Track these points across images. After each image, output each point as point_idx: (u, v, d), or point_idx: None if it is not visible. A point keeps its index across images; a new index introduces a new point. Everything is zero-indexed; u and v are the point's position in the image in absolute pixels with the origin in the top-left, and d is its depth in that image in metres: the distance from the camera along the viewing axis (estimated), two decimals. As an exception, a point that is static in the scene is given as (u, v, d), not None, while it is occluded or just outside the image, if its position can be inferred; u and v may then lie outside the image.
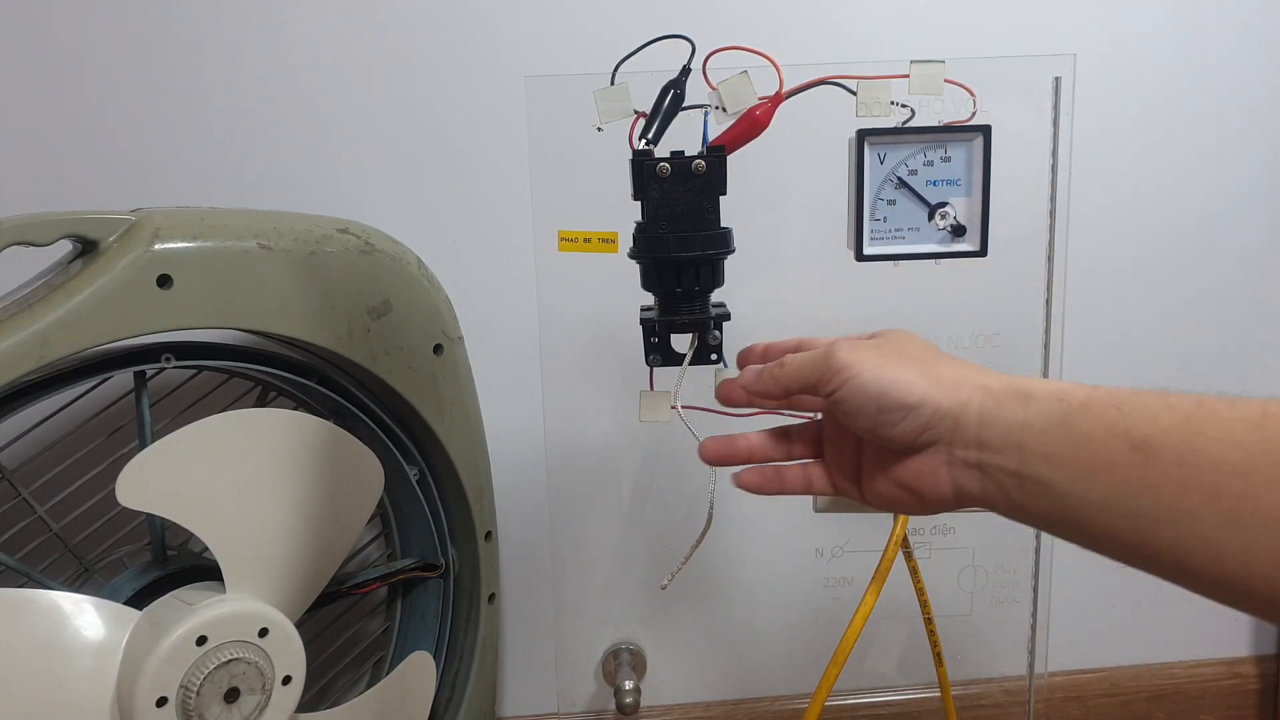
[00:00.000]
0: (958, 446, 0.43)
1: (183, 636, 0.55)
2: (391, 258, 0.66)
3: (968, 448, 0.42)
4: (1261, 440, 0.34)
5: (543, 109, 0.68)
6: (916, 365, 0.44)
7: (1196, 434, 0.35)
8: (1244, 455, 0.34)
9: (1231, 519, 0.34)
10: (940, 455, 0.43)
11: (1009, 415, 0.41)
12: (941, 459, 0.43)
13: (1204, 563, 0.35)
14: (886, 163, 0.64)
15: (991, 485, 0.42)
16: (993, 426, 0.41)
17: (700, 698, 0.94)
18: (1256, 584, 0.34)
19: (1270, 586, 0.33)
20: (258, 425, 0.61)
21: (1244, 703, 0.99)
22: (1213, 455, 0.34)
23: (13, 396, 0.57)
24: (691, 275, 0.57)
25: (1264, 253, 0.91)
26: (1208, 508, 0.34)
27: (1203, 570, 0.35)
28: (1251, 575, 0.34)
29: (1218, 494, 0.34)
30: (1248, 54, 0.86)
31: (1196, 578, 0.36)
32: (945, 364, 0.45)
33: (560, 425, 0.84)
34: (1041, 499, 0.40)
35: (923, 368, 0.44)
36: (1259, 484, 0.33)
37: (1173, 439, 0.36)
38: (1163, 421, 0.36)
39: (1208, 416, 0.36)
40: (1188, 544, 0.35)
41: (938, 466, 0.43)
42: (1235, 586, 0.34)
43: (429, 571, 0.74)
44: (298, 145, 0.80)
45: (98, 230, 0.55)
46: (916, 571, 0.72)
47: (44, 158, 0.78)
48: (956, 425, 0.42)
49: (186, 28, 0.78)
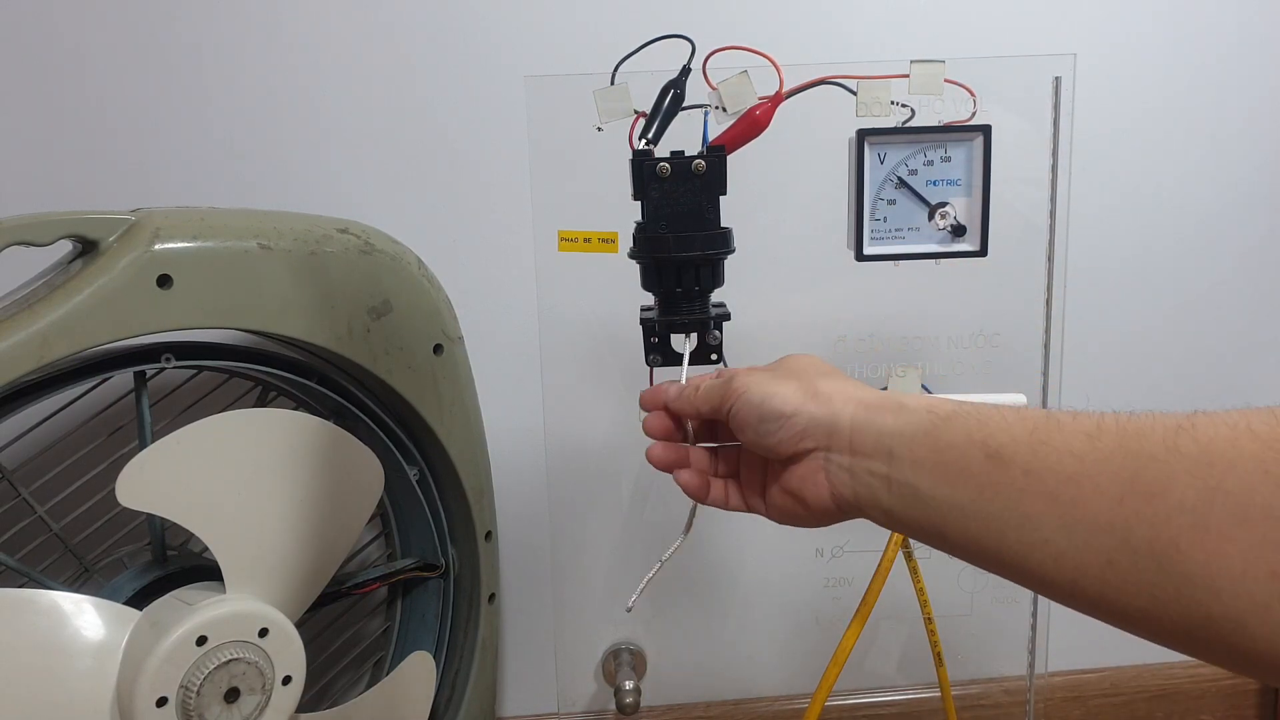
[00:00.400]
0: (833, 452, 0.46)
1: (183, 636, 0.55)
2: (391, 258, 0.66)
3: (841, 453, 0.46)
4: (1093, 450, 0.36)
5: (543, 109, 0.68)
6: (796, 382, 0.48)
7: (1041, 443, 0.38)
8: (1077, 464, 0.36)
9: (1067, 522, 0.36)
10: (818, 461, 0.47)
11: (880, 423, 0.44)
12: (819, 464, 0.47)
13: (1046, 565, 0.37)
14: (886, 163, 0.64)
15: (864, 490, 0.45)
16: (864, 433, 0.45)
17: (700, 698, 0.94)
18: (1088, 585, 0.36)
19: (1100, 587, 0.36)
20: (258, 425, 0.61)
21: (1244, 703, 0.99)
22: (1052, 464, 0.37)
23: (13, 396, 0.57)
24: (691, 275, 0.57)
25: (1264, 253, 0.91)
26: (1048, 512, 0.37)
27: (1045, 572, 0.37)
28: (1084, 576, 0.36)
29: (1056, 499, 0.37)
30: (1248, 54, 0.86)
31: (1041, 580, 0.38)
32: (828, 381, 0.48)
33: (560, 425, 0.84)
34: (908, 503, 0.43)
35: (802, 384, 0.48)
36: (1089, 490, 0.36)
37: (1020, 448, 0.38)
38: (1014, 431, 0.39)
39: (1052, 428, 0.38)
40: (1032, 547, 0.38)
41: (816, 472, 0.47)
42: (1073, 589, 0.37)
43: (429, 571, 0.74)
44: (298, 145, 0.80)
45: (98, 230, 0.55)
46: (916, 571, 0.72)
47: (44, 158, 0.78)
48: (831, 432, 0.46)
49: (186, 28, 0.78)
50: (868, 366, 0.74)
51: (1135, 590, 0.35)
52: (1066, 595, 0.37)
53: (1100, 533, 0.35)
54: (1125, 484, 0.35)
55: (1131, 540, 0.34)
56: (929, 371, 0.70)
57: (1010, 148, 0.64)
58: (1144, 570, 0.34)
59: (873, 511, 0.45)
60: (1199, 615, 0.33)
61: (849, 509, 0.46)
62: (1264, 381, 0.94)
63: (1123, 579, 0.35)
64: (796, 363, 0.51)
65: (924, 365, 0.70)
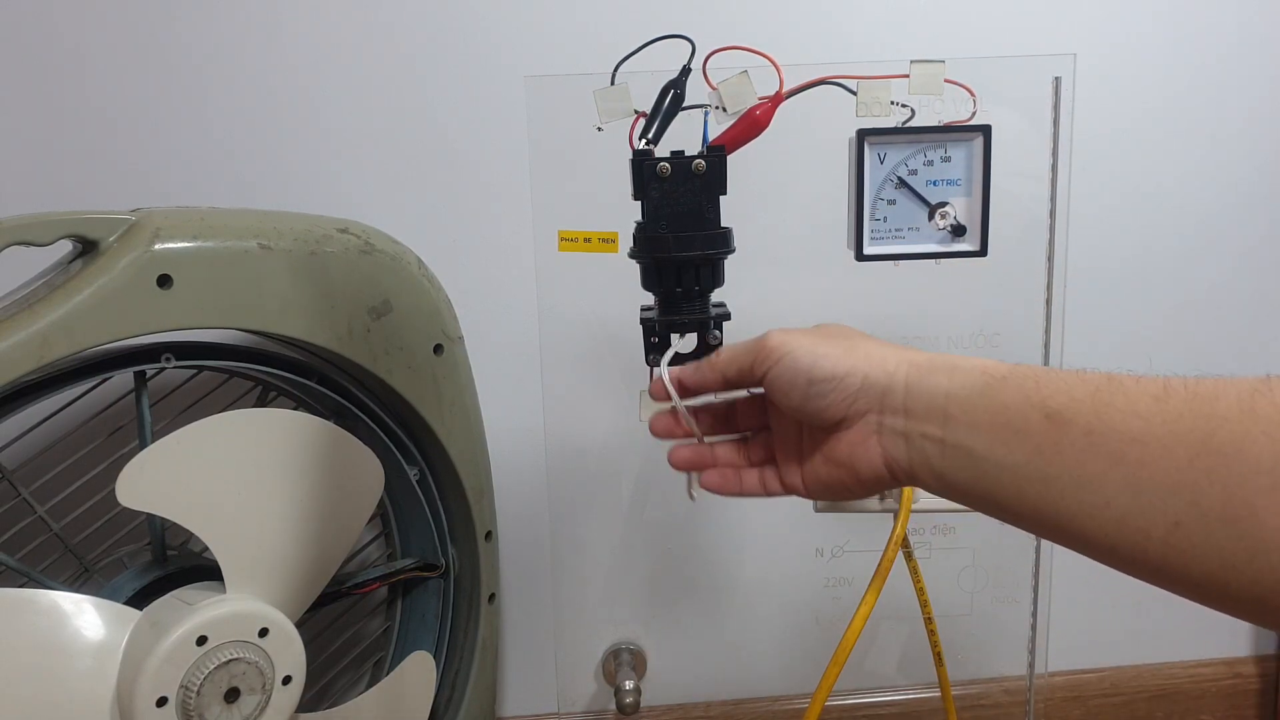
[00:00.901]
0: (886, 414, 0.45)
1: (183, 636, 0.55)
2: (391, 258, 0.66)
3: (895, 415, 0.44)
4: (1160, 411, 0.35)
5: (543, 109, 0.68)
6: (845, 343, 0.47)
7: (1104, 405, 0.37)
8: (1144, 424, 0.36)
9: (1131, 484, 0.35)
10: (870, 425, 0.45)
11: (934, 384, 0.43)
12: (871, 428, 0.45)
13: (1107, 528, 0.37)
14: (886, 163, 0.64)
15: (916, 454, 0.44)
16: (918, 395, 0.43)
17: (700, 698, 0.94)
18: (1152, 549, 0.35)
19: (1164, 550, 0.35)
20: (258, 425, 0.61)
21: (1244, 703, 0.99)
22: (1116, 424, 0.36)
23: (13, 396, 0.57)
24: (691, 275, 0.57)
25: (1264, 253, 0.91)
26: (1111, 473, 0.36)
27: (1105, 536, 0.37)
28: (1148, 539, 0.35)
29: (1120, 460, 0.36)
30: (1248, 54, 0.86)
31: (1101, 545, 0.37)
32: (875, 343, 0.47)
33: (560, 425, 0.84)
34: (962, 465, 0.42)
35: (851, 344, 0.47)
36: (1156, 451, 0.35)
37: (1082, 408, 0.38)
38: (1075, 393, 0.38)
39: (1115, 389, 0.37)
40: (1092, 509, 0.37)
41: (868, 436, 0.45)
42: (1135, 554, 0.36)
43: (429, 571, 0.74)
44: (298, 145, 0.80)
45: (98, 230, 0.55)
46: (916, 571, 0.72)
47: (44, 158, 0.78)
48: (885, 393, 0.44)
49: (186, 28, 0.78)
50: (868, 366, 0.74)
51: (1204, 554, 0.34)
52: (1128, 560, 0.37)
53: (1168, 494, 0.34)
54: (1196, 445, 0.34)
55: (1201, 502, 0.33)
56: (929, 371, 0.70)
57: (1010, 148, 0.64)
58: (1214, 533, 0.33)
59: (924, 476, 0.44)
60: (1271, 580, 0.32)
61: (901, 475, 0.45)
62: (1264, 381, 0.94)
63: (1190, 542, 0.34)
64: (834, 327, 0.49)
65: (924, 365, 0.69)
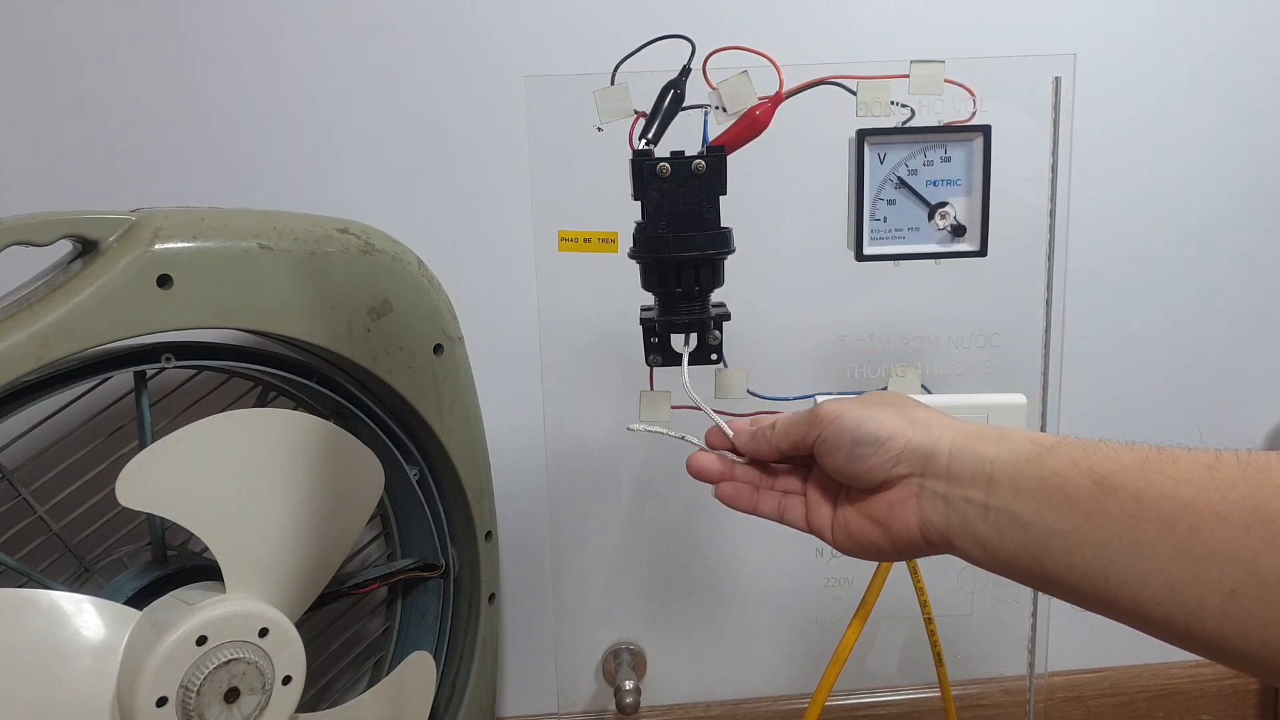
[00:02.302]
0: (929, 478, 0.45)
1: (183, 636, 0.55)
2: (391, 258, 0.66)
3: (938, 480, 0.45)
4: (1213, 479, 0.35)
5: (543, 109, 0.68)
6: (893, 409, 0.48)
7: (1154, 472, 0.37)
8: (1196, 492, 0.35)
9: (1184, 551, 0.35)
10: (911, 488, 0.46)
11: (979, 450, 0.43)
12: (912, 491, 0.46)
13: (1160, 596, 0.36)
14: (886, 163, 0.64)
15: (957, 517, 0.44)
16: (963, 460, 0.44)
17: (700, 698, 0.94)
18: (1208, 618, 0.35)
19: (1220, 620, 0.34)
20: (258, 425, 0.61)
21: (1244, 703, 0.99)
22: (1167, 491, 0.36)
23: (13, 396, 0.57)
24: (691, 275, 0.57)
25: (1264, 253, 0.91)
26: (1163, 539, 0.36)
27: (1159, 605, 0.36)
28: (1204, 608, 0.35)
29: (1171, 527, 0.36)
30: (1247, 54, 0.86)
31: (1153, 615, 0.37)
32: (923, 410, 0.48)
33: (560, 425, 0.84)
34: (1006, 531, 0.41)
35: (898, 411, 0.47)
36: (1209, 519, 0.35)
37: (1131, 475, 0.37)
38: (1124, 460, 0.38)
39: (1165, 458, 0.37)
40: (1144, 575, 0.36)
41: (907, 499, 0.46)
42: (1189, 622, 0.35)
43: (429, 571, 0.74)
44: (298, 145, 0.80)
45: (98, 230, 0.55)
46: (916, 571, 0.72)
47: (44, 158, 0.78)
48: (928, 458, 0.45)
49: (186, 27, 0.78)
50: (868, 366, 0.74)
51: (1263, 623, 0.33)
52: (1184, 632, 0.36)
53: (1223, 562, 0.34)
54: (1251, 513, 0.34)
55: (1259, 570, 0.33)
56: (929, 371, 0.70)
57: (1010, 148, 0.64)
58: (1273, 603, 0.33)
59: (964, 543, 0.44)
60: None
61: (936, 541, 0.45)
62: (1264, 381, 0.94)
63: (1247, 612, 0.33)
64: (886, 395, 0.51)
65: (924, 365, 0.70)
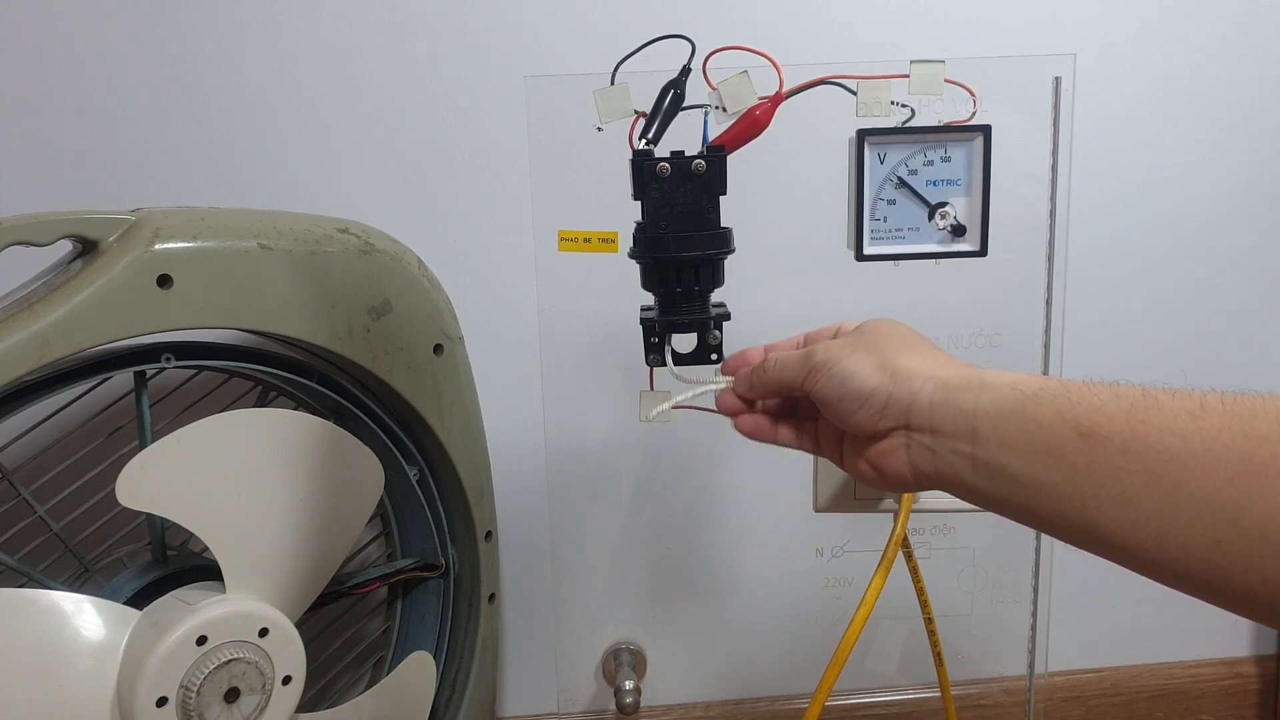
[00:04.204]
0: (914, 431, 0.46)
1: (183, 636, 0.55)
2: (391, 258, 0.66)
3: (922, 432, 0.45)
4: (1198, 430, 0.35)
5: (543, 109, 0.68)
6: (875, 358, 0.48)
7: (1139, 422, 0.37)
8: (1181, 443, 0.36)
9: (1169, 503, 0.36)
10: (899, 439, 0.46)
11: (960, 401, 0.43)
12: (900, 442, 0.46)
13: (1145, 544, 0.37)
14: (886, 163, 0.64)
15: (946, 467, 0.44)
16: (944, 412, 0.44)
17: (700, 698, 0.94)
18: (1193, 565, 0.35)
19: (1205, 567, 0.35)
20: (258, 425, 0.61)
21: (1244, 703, 0.99)
22: (1152, 443, 0.36)
23: (13, 396, 0.57)
24: (691, 275, 0.57)
25: (1264, 253, 0.91)
26: (1148, 492, 0.36)
27: (1145, 553, 0.37)
28: (1189, 555, 0.35)
29: (1157, 479, 0.36)
30: (1247, 54, 0.86)
31: (1141, 559, 0.37)
32: (908, 355, 0.47)
33: (560, 425, 0.84)
34: (996, 483, 0.42)
35: (881, 360, 0.47)
36: (1194, 470, 0.35)
37: (1117, 426, 0.37)
38: (1109, 409, 0.38)
39: (1150, 406, 0.37)
40: (1131, 527, 0.37)
41: (897, 448, 0.46)
42: (1174, 568, 0.36)
43: (429, 571, 0.74)
44: (298, 145, 0.80)
45: (98, 230, 0.55)
46: (916, 571, 0.72)
47: (44, 158, 0.78)
48: (909, 411, 0.45)
49: (187, 27, 0.78)
50: (868, 366, 0.74)
51: (1245, 571, 0.34)
52: (1171, 575, 0.37)
53: (1207, 512, 0.34)
54: (1235, 464, 0.34)
55: (1242, 521, 0.34)
56: (929, 371, 0.70)
57: (1010, 148, 0.64)
58: (1256, 552, 0.34)
59: (956, 489, 0.45)
60: None
61: (929, 482, 0.46)
62: (1265, 381, 0.94)
63: (1231, 560, 0.34)
64: (878, 331, 0.50)
65: (924, 365, 0.69)
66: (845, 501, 0.67)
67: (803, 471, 0.67)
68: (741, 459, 0.88)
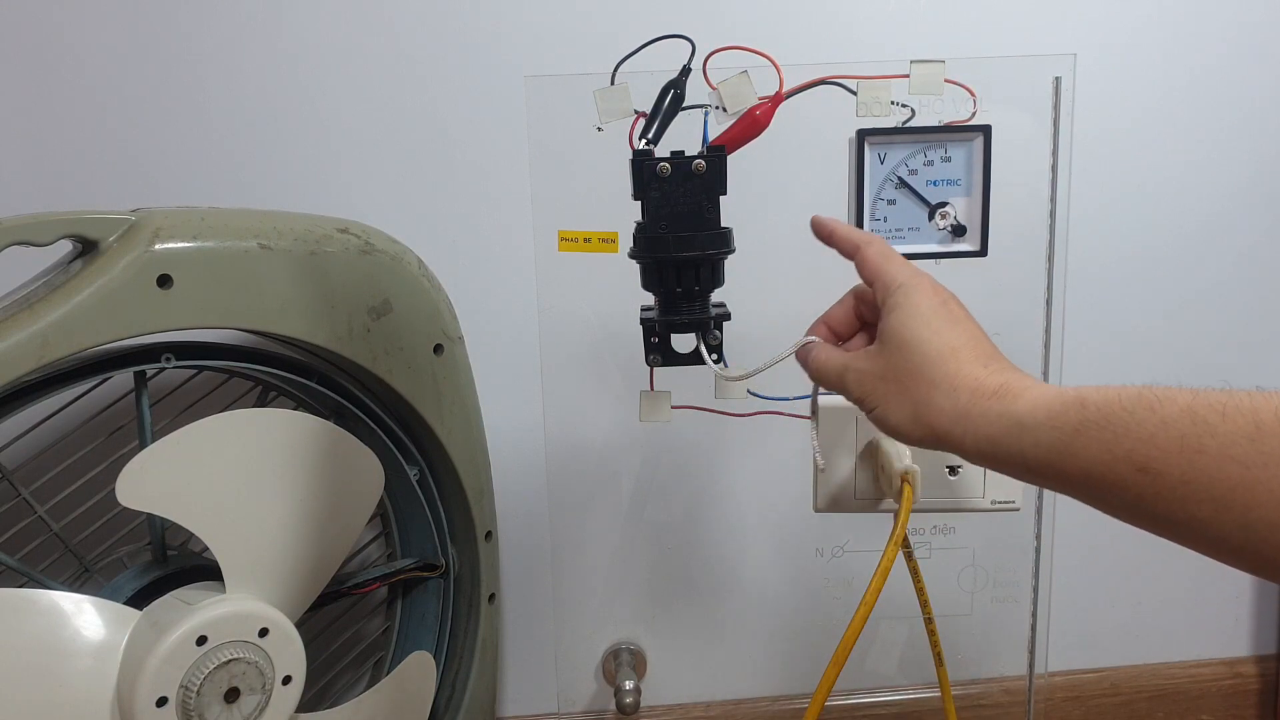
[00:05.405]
0: (968, 455, 0.46)
1: (183, 636, 0.55)
2: (391, 258, 0.66)
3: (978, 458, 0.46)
4: (1259, 454, 0.35)
5: (543, 109, 0.68)
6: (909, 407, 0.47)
7: (1195, 452, 0.36)
8: (1244, 471, 0.35)
9: (1244, 525, 0.35)
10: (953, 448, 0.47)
11: (1010, 446, 0.44)
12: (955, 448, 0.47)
13: (1223, 555, 0.37)
14: (886, 163, 0.64)
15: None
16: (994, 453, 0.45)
17: (700, 698, 0.94)
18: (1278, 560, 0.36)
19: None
20: (258, 425, 0.61)
21: (1244, 703, 0.99)
22: (1213, 472, 0.36)
23: (13, 396, 0.57)
24: (692, 275, 0.57)
25: (1264, 252, 0.91)
26: (1219, 517, 0.36)
27: (1226, 555, 0.37)
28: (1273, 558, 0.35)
29: (1226, 506, 0.36)
30: (1247, 54, 0.86)
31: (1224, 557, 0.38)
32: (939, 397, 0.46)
33: (560, 425, 0.84)
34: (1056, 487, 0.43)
35: (914, 411, 0.47)
36: (1262, 495, 0.35)
37: (1172, 460, 0.37)
38: (1159, 442, 0.38)
39: (1203, 432, 0.37)
40: (1208, 543, 0.37)
41: None
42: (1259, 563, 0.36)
43: (429, 571, 0.74)
44: (298, 145, 0.80)
45: (98, 230, 0.55)
46: (916, 571, 0.72)
47: (44, 158, 0.78)
48: (959, 448, 0.46)
49: (187, 27, 0.78)
50: (868, 366, 0.74)
51: None
52: (1257, 568, 0.37)
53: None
54: None
55: None
56: (929, 371, 0.70)
57: (1010, 148, 0.64)
58: None
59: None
60: None
61: None
62: (1264, 381, 0.93)
63: None
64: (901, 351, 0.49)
65: (924, 365, 0.69)
66: (845, 502, 0.67)
67: (803, 472, 0.68)
68: (741, 459, 0.88)
